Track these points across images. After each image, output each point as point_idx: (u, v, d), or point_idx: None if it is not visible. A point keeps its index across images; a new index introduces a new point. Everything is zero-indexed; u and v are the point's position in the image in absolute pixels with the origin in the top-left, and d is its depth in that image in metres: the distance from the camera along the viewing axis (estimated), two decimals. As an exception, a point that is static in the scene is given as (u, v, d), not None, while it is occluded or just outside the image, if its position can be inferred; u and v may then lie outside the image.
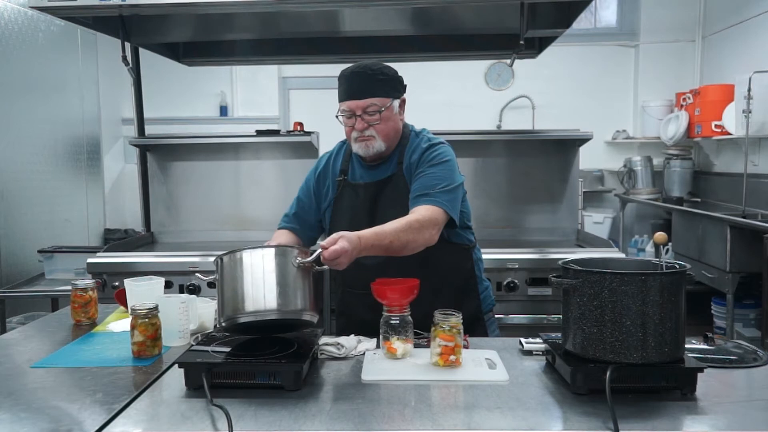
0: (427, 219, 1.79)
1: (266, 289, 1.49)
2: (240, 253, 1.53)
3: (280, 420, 1.26)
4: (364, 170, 2.01)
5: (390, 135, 1.94)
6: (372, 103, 1.88)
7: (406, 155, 1.98)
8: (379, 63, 1.94)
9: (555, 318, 2.85)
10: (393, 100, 1.92)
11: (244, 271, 1.51)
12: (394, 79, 1.94)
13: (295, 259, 1.53)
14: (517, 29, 2.83)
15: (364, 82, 1.88)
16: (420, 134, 2.03)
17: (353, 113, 1.90)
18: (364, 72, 1.89)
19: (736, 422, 1.25)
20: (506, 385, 1.45)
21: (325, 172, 2.09)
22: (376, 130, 1.90)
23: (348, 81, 1.91)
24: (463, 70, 5.94)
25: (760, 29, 4.95)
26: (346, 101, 1.90)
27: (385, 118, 1.90)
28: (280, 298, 1.49)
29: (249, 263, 1.51)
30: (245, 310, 1.48)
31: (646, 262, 1.51)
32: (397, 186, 1.96)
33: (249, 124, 5.60)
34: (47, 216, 4.29)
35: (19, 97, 4.06)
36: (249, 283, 1.49)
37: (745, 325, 4.29)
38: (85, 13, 2.86)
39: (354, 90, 1.89)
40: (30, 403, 1.37)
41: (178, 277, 2.89)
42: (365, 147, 1.92)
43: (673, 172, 5.73)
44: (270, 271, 1.50)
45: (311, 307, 1.54)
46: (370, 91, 1.88)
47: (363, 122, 1.89)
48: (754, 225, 3.88)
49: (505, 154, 3.54)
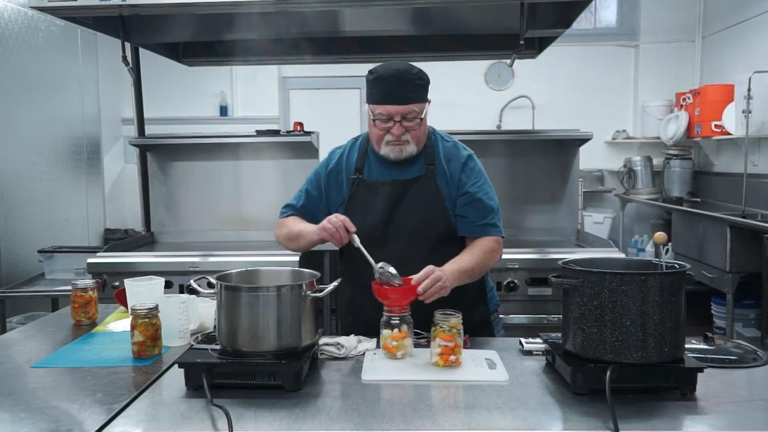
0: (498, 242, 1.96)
1: (267, 329, 1.47)
2: (245, 294, 1.48)
3: (280, 420, 1.26)
4: (384, 168, 1.98)
5: (422, 139, 1.94)
6: (412, 110, 1.85)
7: (436, 158, 1.96)
8: (414, 66, 1.90)
9: (555, 318, 2.84)
10: (427, 104, 1.91)
11: (244, 309, 1.47)
12: (428, 82, 1.91)
13: (305, 292, 1.50)
14: (517, 29, 2.83)
15: (404, 87, 1.85)
16: (437, 133, 2.04)
17: (391, 118, 1.86)
18: (404, 77, 1.85)
19: (736, 422, 1.25)
20: (506, 385, 1.45)
21: (338, 168, 2.04)
22: (411, 135, 1.89)
23: (386, 84, 1.85)
24: (463, 70, 5.93)
25: (760, 29, 4.95)
26: (385, 105, 1.85)
27: (422, 123, 1.90)
28: (278, 338, 1.47)
29: (249, 302, 1.47)
30: (242, 348, 1.47)
31: (646, 262, 1.51)
32: (425, 187, 1.94)
33: (249, 124, 5.59)
34: (47, 216, 4.29)
35: (19, 97, 4.06)
36: (248, 324, 1.47)
37: (745, 325, 4.29)
38: (85, 13, 2.86)
39: (393, 94, 1.84)
40: (30, 403, 1.37)
41: (178, 277, 2.89)
42: (398, 151, 1.90)
43: (673, 172, 5.73)
44: (271, 311, 1.47)
45: (310, 334, 1.53)
46: (411, 96, 1.85)
47: (401, 128, 1.86)
48: (754, 225, 3.88)
49: (505, 154, 3.54)
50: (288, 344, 1.48)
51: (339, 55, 3.76)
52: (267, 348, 1.46)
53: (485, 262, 1.89)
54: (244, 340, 1.47)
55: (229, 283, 1.55)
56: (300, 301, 1.49)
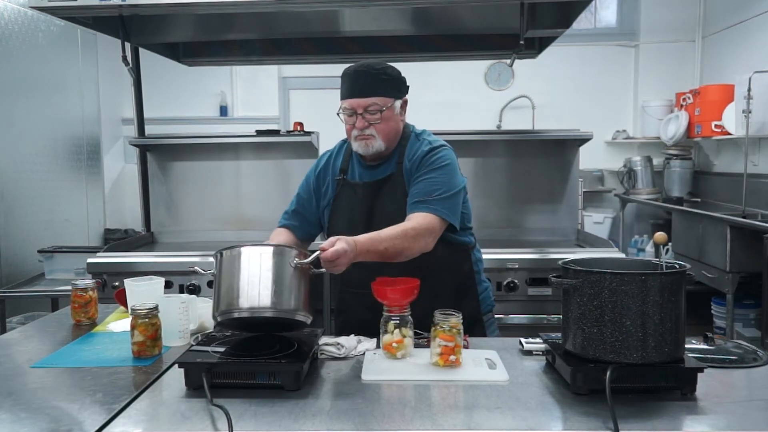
0: (424, 227, 1.79)
1: (261, 286, 1.49)
2: (238, 249, 1.54)
3: (280, 420, 1.26)
4: (364, 169, 2.01)
5: (390, 135, 1.95)
6: (373, 103, 1.88)
7: (406, 156, 1.97)
8: (383, 62, 1.94)
9: (555, 318, 2.84)
10: (395, 101, 1.92)
11: (241, 267, 1.52)
12: (396, 79, 1.94)
13: (293, 259, 1.53)
14: (517, 29, 2.83)
15: (367, 81, 1.89)
16: (421, 136, 2.03)
17: (354, 111, 1.90)
18: (367, 71, 1.89)
19: (736, 422, 1.25)
20: (506, 385, 1.45)
21: (326, 170, 2.09)
22: (376, 130, 1.90)
23: (351, 79, 1.90)
24: (463, 70, 5.93)
25: (760, 29, 4.95)
26: (348, 99, 1.90)
27: (385, 117, 1.90)
28: (274, 297, 1.49)
29: (247, 260, 1.52)
30: (239, 306, 1.48)
31: (646, 262, 1.51)
32: (394, 186, 1.96)
33: (249, 124, 5.60)
34: (47, 216, 4.29)
35: (19, 97, 4.06)
36: (245, 279, 1.50)
37: (745, 325, 4.29)
38: (85, 13, 2.86)
39: (356, 88, 1.89)
40: (30, 403, 1.37)
41: (178, 277, 2.89)
42: (365, 146, 1.92)
43: (673, 172, 5.73)
44: (267, 269, 1.51)
45: (305, 308, 1.54)
46: (373, 90, 1.88)
47: (364, 121, 1.89)
48: (754, 225, 3.88)
49: (505, 154, 3.53)
50: (283, 305, 1.49)
51: (339, 55, 3.76)
52: (263, 304, 1.47)
53: (403, 244, 1.74)
54: (240, 298, 1.48)
55: None
56: (288, 265, 1.52)
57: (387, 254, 1.72)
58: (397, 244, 1.72)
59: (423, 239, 1.79)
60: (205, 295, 2.29)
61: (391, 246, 1.71)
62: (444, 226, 1.86)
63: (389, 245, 1.71)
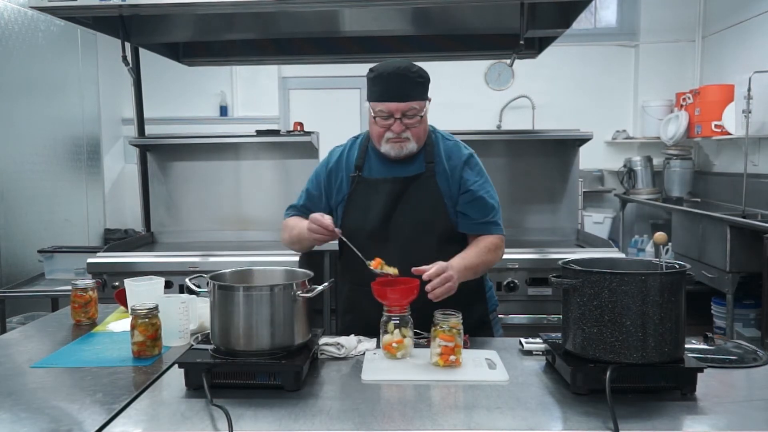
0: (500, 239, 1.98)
1: (259, 329, 1.47)
2: (237, 293, 1.48)
3: (280, 420, 1.26)
4: (384, 166, 1.98)
5: (422, 137, 1.94)
6: (412, 107, 1.86)
7: (436, 155, 1.97)
8: (413, 63, 1.91)
9: (555, 318, 2.84)
10: (428, 102, 1.92)
11: (237, 309, 1.47)
12: (428, 80, 1.92)
13: (296, 292, 1.50)
14: (517, 29, 2.83)
15: (404, 85, 1.86)
16: (437, 132, 2.04)
17: (391, 115, 1.87)
18: (404, 74, 1.86)
19: (736, 422, 1.25)
20: (506, 385, 1.45)
21: (338, 167, 2.04)
22: (411, 133, 1.89)
23: (386, 82, 1.86)
24: (463, 70, 5.93)
25: (760, 29, 4.95)
26: (386, 102, 1.85)
27: (422, 121, 1.90)
28: (271, 338, 1.47)
29: (241, 301, 1.47)
30: (235, 347, 1.47)
31: (646, 262, 1.51)
32: (425, 186, 1.94)
33: (249, 124, 5.60)
34: (47, 216, 4.29)
35: (19, 97, 4.06)
36: (241, 323, 1.47)
37: (745, 325, 4.29)
38: (85, 13, 2.86)
39: (393, 92, 1.85)
40: (30, 403, 1.37)
41: (178, 277, 2.88)
42: (399, 148, 1.91)
43: (673, 172, 5.73)
44: (263, 310, 1.47)
45: (302, 334, 1.53)
46: (411, 94, 1.86)
47: (401, 125, 1.87)
48: (754, 225, 3.88)
49: (505, 154, 3.54)
50: (281, 343, 1.48)
51: (339, 55, 3.76)
52: (260, 347, 1.46)
53: (489, 260, 1.92)
54: (236, 340, 1.47)
55: (222, 282, 1.55)
56: (291, 300, 1.49)
57: (479, 270, 1.90)
58: (487, 261, 1.91)
59: (501, 251, 1.99)
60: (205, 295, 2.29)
61: (482, 263, 1.89)
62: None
63: (480, 262, 1.88)
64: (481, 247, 1.90)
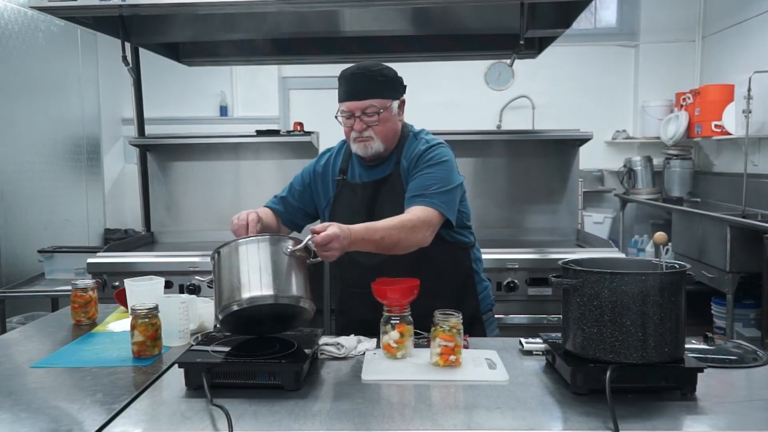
0: (421, 220, 1.78)
1: (261, 274, 1.49)
2: (234, 243, 1.54)
3: (280, 420, 1.26)
4: (363, 170, 2.02)
5: (388, 136, 1.95)
6: (371, 105, 1.89)
7: (404, 155, 1.98)
8: (379, 64, 1.94)
9: (555, 318, 2.84)
10: (392, 102, 1.93)
11: (239, 260, 1.52)
12: (393, 80, 1.94)
13: (286, 248, 1.53)
14: (517, 29, 2.83)
15: (364, 83, 1.89)
16: (419, 135, 2.03)
17: (352, 114, 1.91)
18: (363, 73, 1.90)
19: (736, 422, 1.25)
20: (506, 385, 1.45)
21: (326, 170, 2.09)
22: (374, 131, 1.91)
23: (348, 82, 1.91)
24: (463, 70, 5.93)
25: (760, 29, 4.95)
26: (346, 102, 1.91)
27: (383, 119, 1.91)
28: (275, 284, 1.49)
29: (244, 252, 1.52)
30: (241, 297, 1.47)
31: (646, 262, 1.51)
32: (393, 186, 1.96)
33: (249, 124, 5.59)
34: (47, 216, 4.29)
35: (19, 97, 4.06)
36: (245, 271, 1.50)
37: (745, 325, 4.29)
38: (85, 13, 2.86)
39: (353, 91, 1.90)
40: (30, 403, 1.37)
41: (178, 277, 2.89)
42: (364, 147, 1.93)
43: (673, 172, 5.73)
44: (265, 258, 1.51)
45: (308, 296, 1.54)
46: (369, 92, 1.89)
47: (361, 123, 1.90)
48: (754, 225, 3.88)
49: (505, 154, 3.53)
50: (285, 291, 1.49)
51: (339, 55, 3.76)
52: (266, 292, 1.46)
53: (399, 235, 1.73)
54: (240, 289, 1.47)
55: None
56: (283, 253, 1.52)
57: (383, 244, 1.71)
58: (393, 235, 1.71)
59: (420, 232, 1.78)
60: (205, 295, 2.29)
61: (387, 236, 1.70)
62: (441, 220, 1.85)
63: (385, 235, 1.70)
64: (396, 221, 1.74)
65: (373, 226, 1.71)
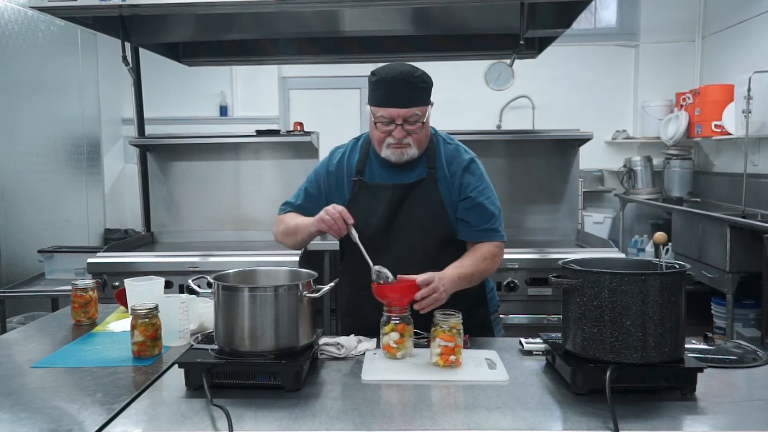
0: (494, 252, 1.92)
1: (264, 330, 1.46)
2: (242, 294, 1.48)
3: (280, 420, 1.26)
4: (386, 171, 1.95)
5: (424, 142, 1.92)
6: (414, 113, 1.82)
7: (437, 161, 1.94)
8: (418, 68, 1.86)
9: (555, 318, 2.84)
10: (430, 107, 1.88)
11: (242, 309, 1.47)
12: (431, 85, 1.88)
13: (302, 293, 1.50)
14: (517, 29, 2.83)
15: (407, 90, 1.81)
16: (439, 135, 2.01)
17: (392, 121, 1.83)
18: (406, 79, 1.81)
19: (736, 422, 1.25)
20: (506, 385, 1.45)
21: (339, 169, 2.01)
22: (412, 139, 1.86)
23: (388, 87, 1.82)
24: (463, 70, 5.93)
25: (760, 29, 4.95)
26: (387, 108, 1.82)
27: (423, 126, 1.87)
28: (276, 338, 1.47)
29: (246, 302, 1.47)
30: (239, 348, 1.46)
31: (646, 262, 1.51)
32: (426, 191, 1.92)
33: (249, 124, 5.59)
34: (47, 216, 4.29)
35: (19, 97, 4.06)
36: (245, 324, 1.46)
37: (745, 325, 4.29)
38: (85, 13, 2.85)
39: (396, 97, 1.81)
40: (30, 403, 1.37)
41: (178, 277, 2.89)
42: (399, 154, 1.88)
43: (673, 172, 5.72)
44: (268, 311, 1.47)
45: (307, 335, 1.53)
46: (413, 100, 1.82)
47: (402, 131, 1.84)
48: (754, 225, 3.88)
49: (505, 154, 3.54)
50: (285, 344, 1.48)
51: (339, 55, 3.76)
52: (264, 348, 1.46)
53: (485, 268, 1.87)
54: (241, 341, 1.46)
55: (227, 283, 1.55)
56: (297, 301, 1.49)
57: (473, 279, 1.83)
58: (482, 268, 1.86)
59: (499, 258, 1.94)
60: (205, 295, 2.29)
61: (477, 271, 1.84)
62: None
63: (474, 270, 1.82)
64: (477, 255, 1.86)
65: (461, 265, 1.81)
